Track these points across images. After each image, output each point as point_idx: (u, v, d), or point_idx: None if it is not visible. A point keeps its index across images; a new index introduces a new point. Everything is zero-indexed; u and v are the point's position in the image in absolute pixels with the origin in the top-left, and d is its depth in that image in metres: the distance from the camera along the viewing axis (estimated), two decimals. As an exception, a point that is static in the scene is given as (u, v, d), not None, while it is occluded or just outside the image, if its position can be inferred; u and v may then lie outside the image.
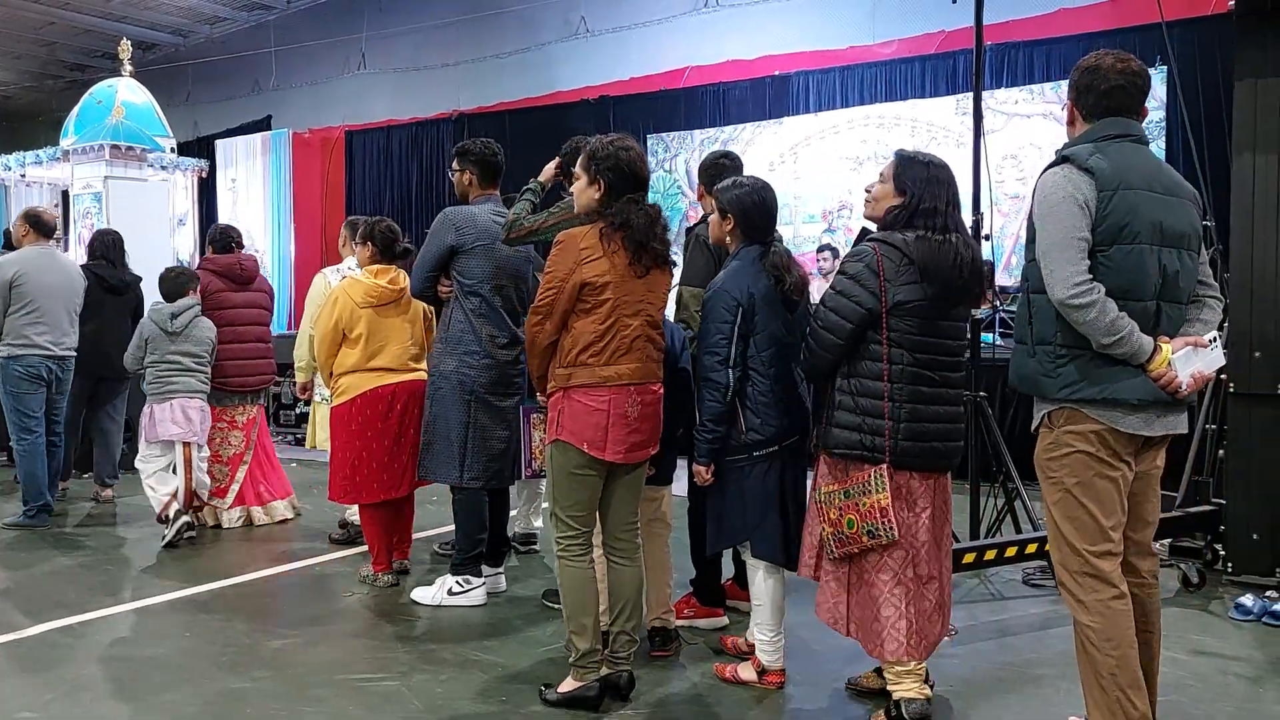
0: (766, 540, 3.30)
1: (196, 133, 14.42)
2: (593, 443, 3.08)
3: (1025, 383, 2.70)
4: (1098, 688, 2.61)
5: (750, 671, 3.41)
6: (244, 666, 3.63)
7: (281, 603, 4.44)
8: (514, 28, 12.19)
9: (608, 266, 3.06)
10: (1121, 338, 2.51)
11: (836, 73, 10.34)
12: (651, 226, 3.11)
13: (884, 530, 2.91)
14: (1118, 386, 2.55)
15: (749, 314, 3.22)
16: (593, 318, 3.08)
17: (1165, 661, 3.52)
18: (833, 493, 3.00)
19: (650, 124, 11.31)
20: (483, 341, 4.16)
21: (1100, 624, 2.59)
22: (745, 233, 3.36)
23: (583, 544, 3.18)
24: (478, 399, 4.16)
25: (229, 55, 14.36)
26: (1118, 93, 2.65)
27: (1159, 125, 8.66)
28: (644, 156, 3.22)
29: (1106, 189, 2.54)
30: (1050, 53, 9.17)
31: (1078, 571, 2.64)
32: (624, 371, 3.10)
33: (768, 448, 3.26)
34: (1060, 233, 2.54)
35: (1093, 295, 2.50)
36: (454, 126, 12.36)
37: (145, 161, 9.26)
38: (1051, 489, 2.67)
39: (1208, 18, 7.54)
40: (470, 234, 4.17)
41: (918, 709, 2.99)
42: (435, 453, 4.23)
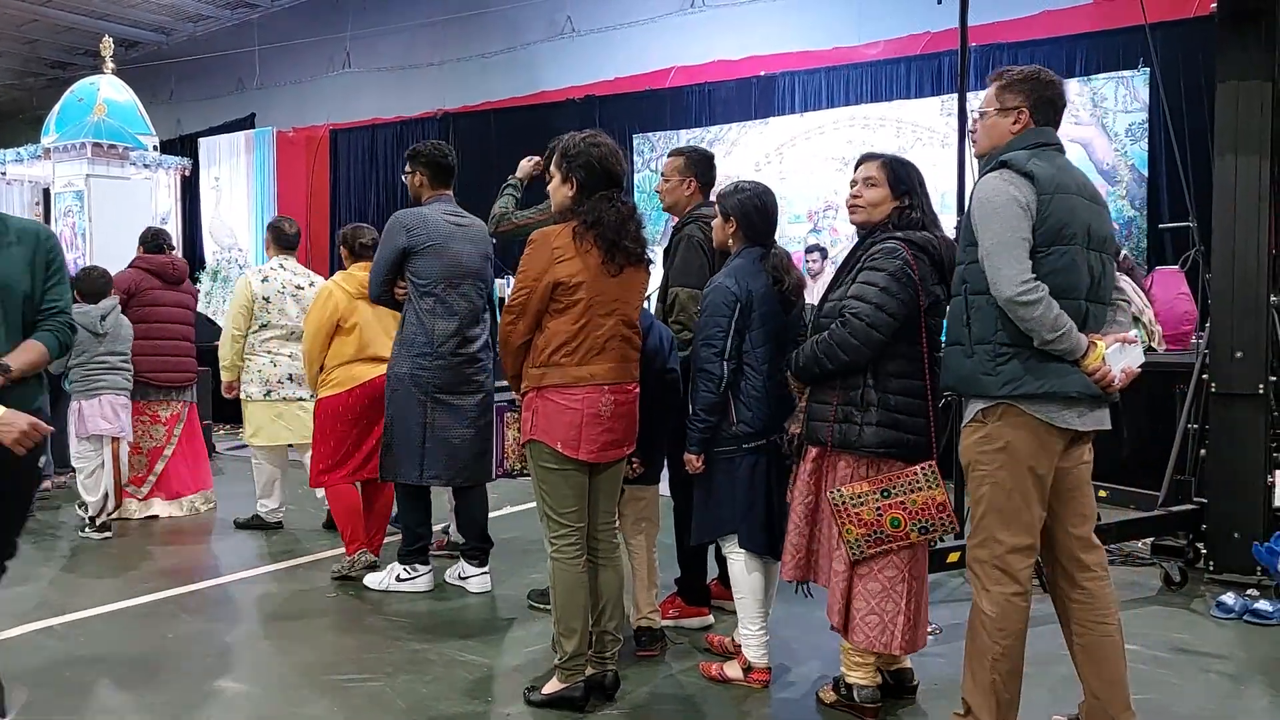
0: (754, 531, 3.32)
1: (179, 131, 14.34)
2: (566, 442, 3.07)
3: (964, 383, 2.75)
4: (979, 667, 2.74)
5: (736, 669, 3.42)
6: (227, 667, 3.61)
7: (264, 603, 4.42)
8: (500, 27, 12.18)
9: (581, 266, 3.05)
10: (1063, 334, 2.60)
11: (822, 73, 10.37)
12: (624, 224, 3.09)
13: (942, 524, 2.95)
14: (1057, 381, 2.63)
15: (747, 310, 3.26)
16: (566, 317, 3.07)
17: (1147, 660, 3.57)
18: (865, 493, 2.97)
19: (636, 124, 11.32)
20: (436, 342, 4.19)
21: (997, 614, 2.71)
22: (747, 235, 3.41)
23: (576, 544, 3.15)
24: (434, 399, 4.20)
25: (213, 53, 14.29)
26: (1063, 110, 2.82)
27: (1141, 127, 8.72)
28: (618, 153, 3.18)
29: (1045, 192, 2.63)
30: (1034, 54, 9.21)
31: (987, 561, 2.73)
32: (598, 371, 3.09)
33: (756, 440, 3.30)
34: (1005, 233, 2.61)
35: (1039, 293, 2.58)
36: (439, 126, 12.33)
37: (127, 160, 9.21)
38: (980, 481, 2.73)
39: (1190, 20, 7.61)
40: (421, 235, 4.20)
41: (869, 694, 3.08)
42: (395, 453, 4.28)
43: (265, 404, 5.59)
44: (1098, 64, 8.94)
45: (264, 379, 5.58)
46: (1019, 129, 2.78)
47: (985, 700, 2.73)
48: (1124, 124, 8.78)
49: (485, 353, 4.34)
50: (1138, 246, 8.74)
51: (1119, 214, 8.90)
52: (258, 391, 5.57)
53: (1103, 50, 8.90)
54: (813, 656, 3.61)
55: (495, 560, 4.64)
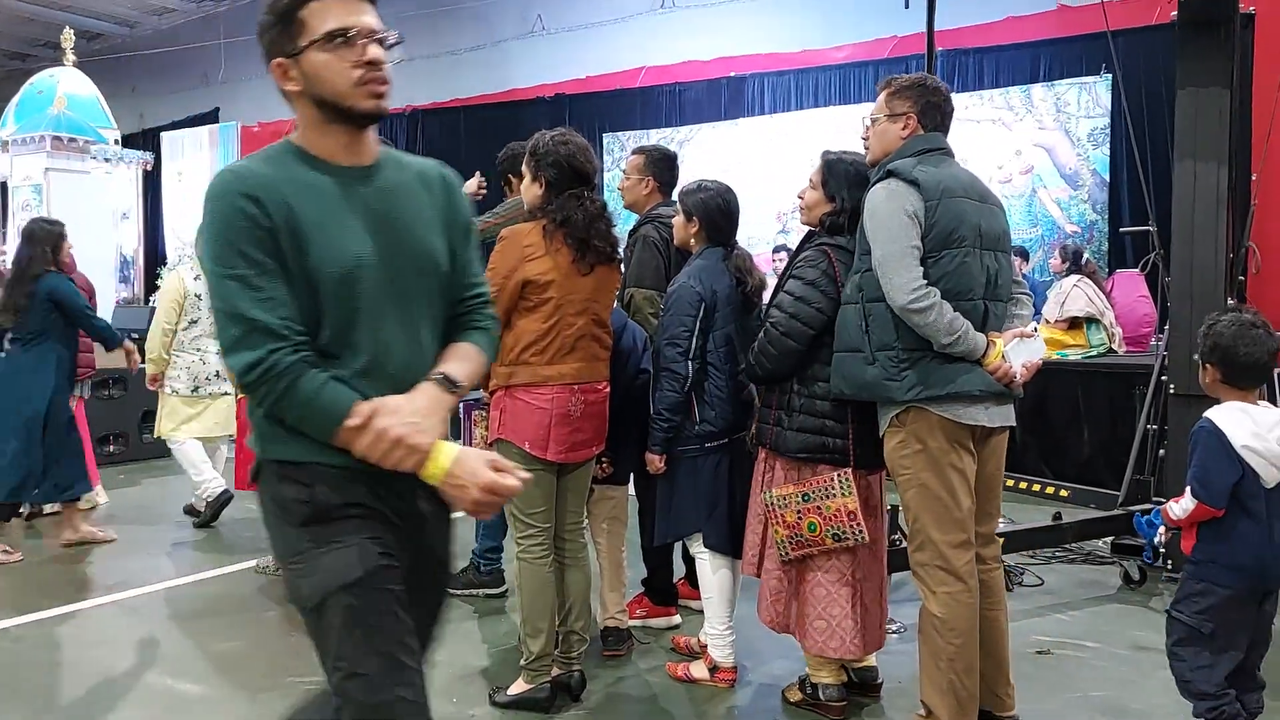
0: (718, 531, 3.33)
1: (142, 125, 14.15)
2: (534, 442, 3.06)
3: (866, 389, 2.79)
4: (935, 668, 2.78)
5: (702, 669, 3.43)
6: (189, 671, 3.57)
7: (224, 604, 4.37)
8: (471, 24, 12.13)
9: (551, 264, 3.03)
10: (959, 336, 2.65)
11: (791, 75, 10.43)
12: (593, 222, 3.08)
13: (853, 533, 2.94)
14: (960, 381, 2.68)
15: (711, 310, 3.26)
16: (536, 315, 3.05)
17: (1107, 657, 3.62)
18: (788, 496, 3.01)
19: (606, 123, 11.32)
20: None
21: (946, 614, 2.75)
22: (709, 235, 3.41)
23: (543, 544, 3.14)
24: None
25: (177, 46, 14.10)
26: (949, 115, 2.87)
27: (1103, 132, 8.84)
28: (587, 150, 3.17)
29: (931, 199, 2.68)
30: (999, 60, 9.33)
31: (929, 564, 2.78)
32: (567, 370, 3.07)
33: (719, 440, 3.31)
34: (893, 243, 2.66)
35: (931, 299, 2.63)
36: (408, 122, 12.26)
37: (88, 153, 9.07)
38: (907, 484, 2.78)
39: (1151, 27, 7.72)
40: None
41: (834, 693, 3.11)
42: None
43: (190, 399, 5.64)
44: (1061, 70, 9.06)
45: (192, 375, 5.63)
46: (907, 134, 2.84)
47: (944, 700, 2.77)
48: (1086, 129, 8.90)
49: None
50: (1099, 250, 8.86)
51: (1081, 217, 9.02)
52: (185, 387, 5.63)
53: (1066, 56, 9.02)
54: (778, 655, 3.62)
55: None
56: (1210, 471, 2.53)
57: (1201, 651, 2.57)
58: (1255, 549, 2.52)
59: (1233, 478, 2.50)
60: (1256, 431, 2.49)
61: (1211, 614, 2.55)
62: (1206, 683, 2.56)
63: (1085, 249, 8.28)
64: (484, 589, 4.28)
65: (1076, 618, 4.11)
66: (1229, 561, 2.54)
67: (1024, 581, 4.48)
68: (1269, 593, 2.59)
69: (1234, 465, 2.50)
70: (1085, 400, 6.39)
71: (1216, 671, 2.55)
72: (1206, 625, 2.55)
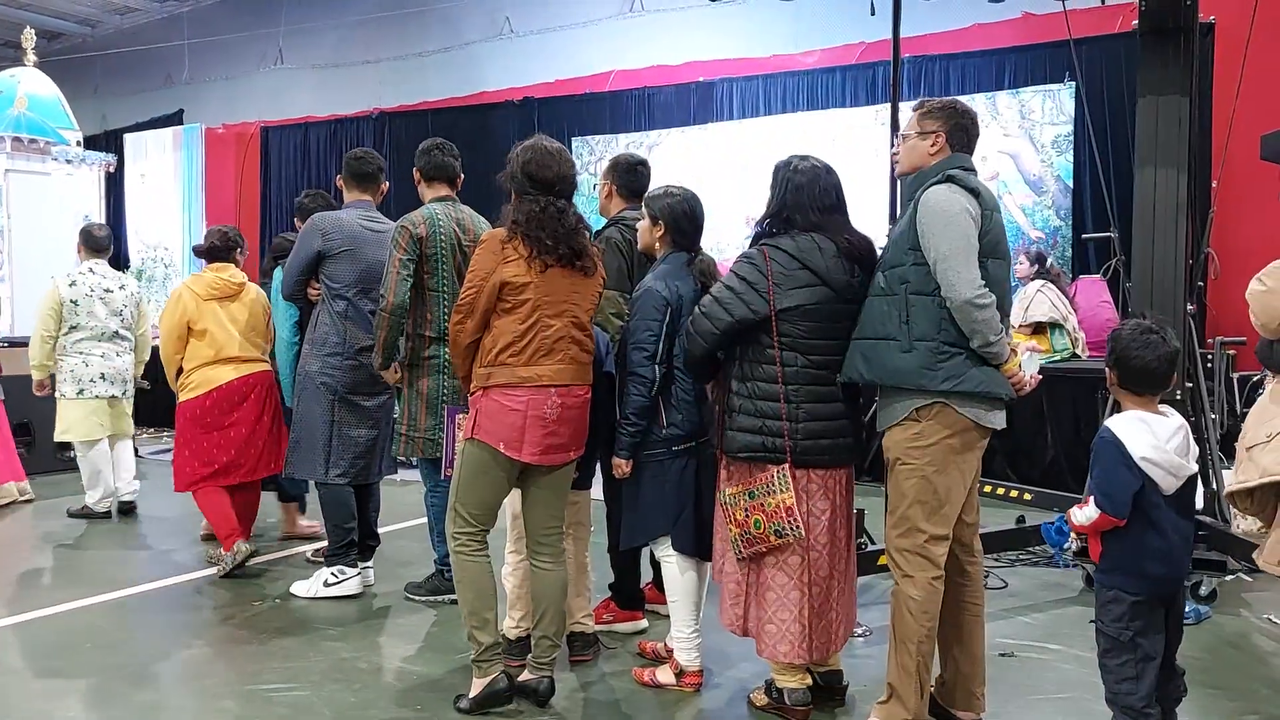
0: (685, 534, 3.35)
1: (104, 126, 13.95)
2: (509, 443, 3.08)
3: (896, 376, 2.86)
4: (904, 650, 2.88)
5: (668, 674, 3.43)
6: (150, 678, 3.52)
7: (187, 611, 4.31)
8: (438, 26, 12.06)
9: (528, 267, 3.07)
10: (1002, 337, 2.79)
11: (760, 80, 10.46)
12: (547, 225, 3.08)
13: (790, 529, 2.97)
14: (990, 382, 2.81)
15: (676, 314, 3.28)
16: (513, 317, 3.08)
17: (1070, 660, 3.66)
18: (737, 494, 3.05)
19: (576, 127, 11.29)
20: (346, 344, 4.31)
21: (922, 597, 2.86)
22: (674, 240, 3.43)
23: (478, 539, 3.18)
24: (341, 399, 4.32)
25: (140, 46, 13.92)
26: (975, 140, 3.00)
27: (1067, 139, 8.94)
28: (552, 156, 3.15)
29: (986, 209, 2.83)
30: (965, 66, 9.41)
31: (910, 550, 2.88)
32: (544, 373, 3.09)
33: (686, 443, 3.34)
34: (961, 240, 2.76)
35: (991, 298, 2.76)
36: (375, 125, 12.17)
37: (49, 155, 8.92)
38: (909, 474, 2.86)
39: (1114, 35, 7.82)
40: (336, 240, 4.31)
41: (799, 697, 3.12)
42: (300, 450, 4.38)
43: (79, 402, 5.84)
44: (1026, 77, 9.14)
45: (76, 378, 5.84)
46: (936, 152, 2.94)
47: (909, 682, 2.86)
48: (1050, 136, 8.99)
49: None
50: (1063, 256, 8.95)
51: (1046, 223, 9.11)
52: (71, 390, 5.84)
53: (1030, 64, 9.11)
54: (745, 659, 3.63)
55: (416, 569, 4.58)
56: (1112, 482, 2.57)
57: (1126, 661, 2.61)
58: (1158, 556, 2.58)
59: (1134, 487, 2.55)
60: (1155, 444, 2.54)
61: (1126, 621, 2.60)
62: (1133, 695, 2.59)
63: (1050, 255, 8.37)
64: (449, 595, 4.25)
65: (1040, 620, 4.15)
66: (1134, 569, 2.59)
67: (988, 584, 4.50)
68: (1174, 594, 2.67)
69: (1134, 475, 2.55)
70: (1049, 404, 6.45)
71: (1143, 684, 2.59)
72: (1125, 633, 2.60)
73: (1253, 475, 2.33)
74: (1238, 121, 5.31)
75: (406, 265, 3.96)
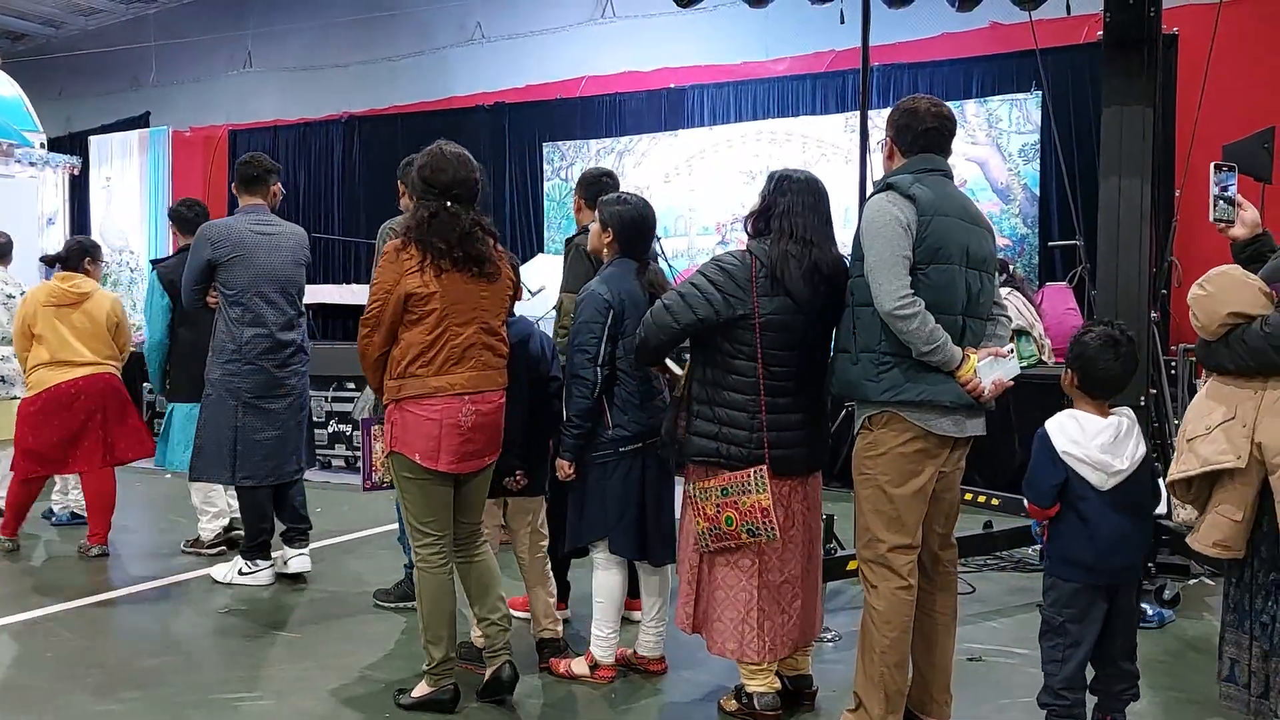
0: (624, 536, 3.39)
1: (69, 128, 13.75)
2: (425, 453, 3.08)
3: (848, 388, 2.91)
4: (870, 660, 2.89)
5: (583, 666, 3.51)
6: (112, 688, 3.46)
7: (150, 620, 4.25)
8: (408, 30, 12.00)
9: (431, 276, 3.05)
10: (938, 346, 2.76)
11: (730, 87, 10.50)
12: (441, 230, 3.06)
13: (765, 529, 2.99)
14: (934, 390, 2.79)
15: (620, 317, 3.33)
16: (421, 327, 3.07)
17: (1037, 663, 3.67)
18: (710, 489, 3.04)
19: (547, 133, 11.28)
20: (244, 349, 4.42)
21: (884, 607, 2.86)
22: (623, 246, 3.47)
23: (439, 551, 3.18)
24: (244, 404, 4.43)
25: (106, 48, 13.76)
26: (932, 133, 2.92)
27: (1033, 147, 9.04)
28: (446, 161, 3.13)
29: (925, 215, 2.79)
30: (934, 75, 9.49)
31: (873, 560, 2.89)
32: (457, 381, 3.10)
33: (632, 444, 3.37)
34: (887, 251, 2.76)
35: (916, 307, 2.74)
36: (344, 129, 12.10)
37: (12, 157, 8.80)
38: (865, 484, 2.89)
39: (1080, 45, 7.91)
40: (225, 247, 4.43)
41: (769, 701, 3.13)
42: (206, 455, 4.51)
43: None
44: (993, 86, 9.25)
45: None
46: (889, 156, 2.98)
47: (875, 692, 2.87)
48: (1017, 144, 9.10)
49: (297, 357, 4.57)
50: (1030, 263, 9.06)
51: (1013, 231, 9.21)
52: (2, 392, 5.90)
53: (998, 73, 9.21)
54: (716, 664, 3.63)
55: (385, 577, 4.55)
56: (1035, 473, 2.75)
57: (1056, 644, 2.77)
58: (1084, 545, 2.70)
59: (1055, 480, 2.71)
60: (1077, 439, 2.68)
61: (1060, 606, 2.75)
62: (1054, 677, 2.76)
63: (1016, 262, 8.47)
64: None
65: (1007, 625, 4.19)
66: (1064, 556, 2.75)
67: (957, 589, 4.54)
68: (1116, 587, 2.75)
69: (1057, 468, 2.70)
70: (1016, 410, 6.50)
71: (1065, 668, 2.74)
72: (1056, 618, 2.76)
73: (1193, 465, 2.43)
74: (1200, 131, 5.39)
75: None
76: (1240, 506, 2.37)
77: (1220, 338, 2.40)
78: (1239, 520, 2.38)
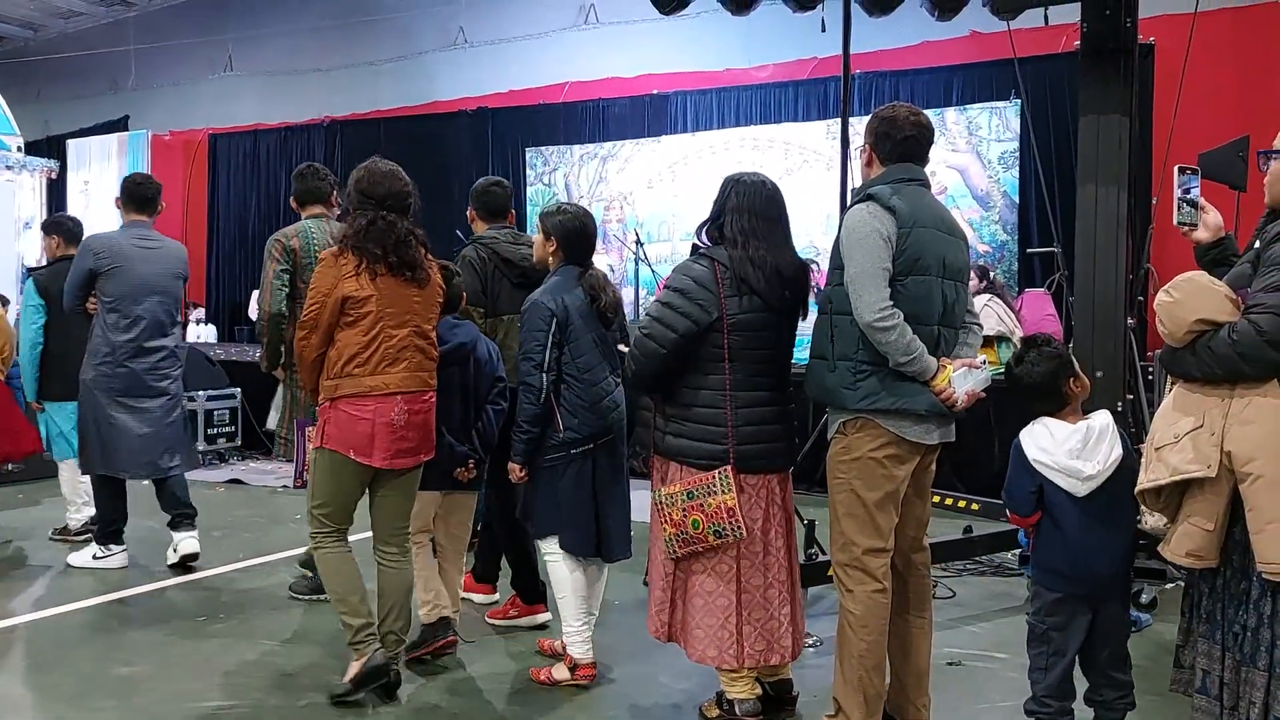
0: (577, 534, 3.47)
1: (47, 131, 13.67)
2: (359, 450, 3.24)
3: (824, 394, 2.94)
4: (848, 664, 2.91)
5: (563, 670, 3.53)
6: (88, 697, 3.42)
7: (128, 628, 4.21)
8: (390, 35, 11.99)
9: (368, 280, 3.22)
10: (915, 357, 2.79)
11: (713, 94, 10.54)
12: (376, 237, 3.23)
13: (731, 530, 3.01)
14: (910, 399, 2.83)
15: (564, 324, 3.43)
16: (357, 329, 3.23)
17: (1016, 668, 3.68)
18: (674, 494, 3.07)
19: (529, 137, 11.29)
20: (115, 352, 4.74)
21: (860, 611, 2.88)
22: (565, 255, 3.58)
23: (335, 536, 3.36)
24: (116, 401, 4.76)
25: (85, 51, 13.67)
26: (910, 142, 2.94)
27: (1012, 155, 9.12)
28: (381, 175, 3.33)
29: (904, 226, 2.81)
30: (914, 83, 9.56)
31: (848, 564, 2.91)
32: (390, 381, 3.25)
33: (583, 446, 3.46)
34: (868, 262, 2.78)
35: (895, 319, 2.76)
36: (326, 133, 12.07)
37: (-12, 160, 8.72)
38: (838, 488, 2.92)
39: (1058, 55, 7.99)
40: (107, 259, 4.74)
41: (749, 708, 3.15)
42: (88, 449, 4.84)
43: None
44: (973, 94, 9.33)
45: None
46: (867, 164, 3.00)
47: (854, 696, 2.89)
48: (997, 152, 9.17)
49: (168, 361, 4.92)
50: (1009, 269, 9.13)
51: (993, 238, 9.28)
52: None
53: (978, 81, 9.29)
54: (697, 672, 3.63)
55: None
56: (1011, 481, 2.76)
57: (1040, 651, 2.77)
58: (1060, 553, 2.71)
59: (1029, 487, 2.72)
60: (1045, 446, 2.70)
61: (1042, 614, 2.76)
62: (1038, 685, 2.77)
63: (995, 268, 8.52)
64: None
65: (986, 629, 4.21)
66: (1045, 565, 2.76)
67: (936, 594, 4.55)
68: (1100, 599, 2.73)
69: (1030, 476, 2.71)
70: (996, 416, 6.55)
71: (1049, 676, 2.74)
72: (1039, 626, 2.77)
73: (1164, 474, 2.42)
74: (1176, 140, 5.45)
75: (281, 275, 4.31)
76: (1211, 516, 2.37)
77: (1187, 345, 2.41)
78: (1211, 530, 2.37)
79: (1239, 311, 2.35)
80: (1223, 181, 5.21)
